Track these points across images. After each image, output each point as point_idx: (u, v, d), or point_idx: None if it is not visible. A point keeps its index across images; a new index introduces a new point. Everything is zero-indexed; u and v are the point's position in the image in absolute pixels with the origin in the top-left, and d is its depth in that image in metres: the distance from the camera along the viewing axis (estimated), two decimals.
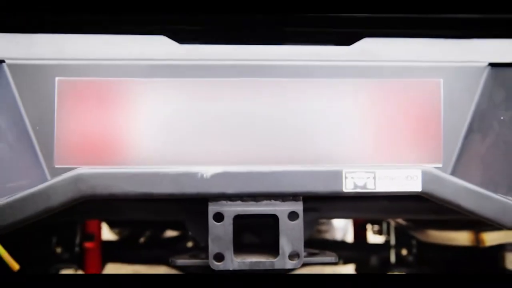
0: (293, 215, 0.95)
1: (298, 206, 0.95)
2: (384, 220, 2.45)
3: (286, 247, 0.94)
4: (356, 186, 0.93)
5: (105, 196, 0.91)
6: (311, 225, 1.43)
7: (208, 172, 0.92)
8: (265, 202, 0.95)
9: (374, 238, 2.60)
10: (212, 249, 0.93)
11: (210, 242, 0.93)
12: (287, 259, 0.95)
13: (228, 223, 0.94)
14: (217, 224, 0.93)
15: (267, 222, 1.02)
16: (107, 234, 2.78)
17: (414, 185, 0.94)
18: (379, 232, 2.52)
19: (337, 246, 2.51)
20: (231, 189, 0.92)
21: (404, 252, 2.33)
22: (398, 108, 0.97)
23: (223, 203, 0.94)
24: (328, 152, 0.96)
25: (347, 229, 3.50)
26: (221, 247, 0.93)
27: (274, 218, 0.96)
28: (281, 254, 0.94)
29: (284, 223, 0.95)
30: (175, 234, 2.55)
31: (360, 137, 0.96)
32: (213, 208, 0.93)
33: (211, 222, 0.93)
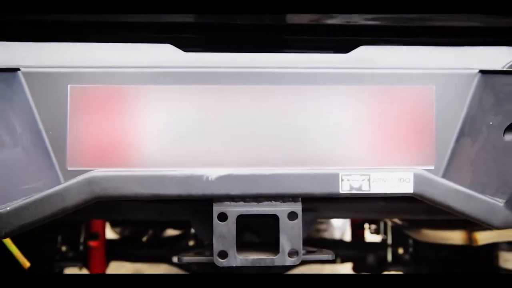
0: (292, 215, 0.97)
1: (297, 207, 0.97)
2: (380, 220, 2.44)
3: (285, 245, 0.97)
4: (352, 188, 0.96)
5: (117, 197, 0.93)
6: (309, 225, 1.46)
7: (213, 174, 0.94)
8: (266, 203, 0.97)
9: (371, 237, 2.59)
10: (217, 246, 0.95)
11: (214, 240, 0.95)
12: (286, 256, 0.97)
13: (231, 222, 0.96)
14: (221, 224, 0.96)
15: (268, 221, 1.05)
16: (111, 233, 2.78)
17: (406, 187, 0.96)
18: (376, 231, 2.52)
19: (335, 245, 2.51)
20: (234, 190, 0.95)
21: (400, 251, 2.34)
22: (393, 114, 0.98)
23: (227, 203, 0.96)
24: (326, 155, 0.97)
25: (345, 229, 3.50)
26: (225, 245, 0.95)
27: (275, 218, 0.98)
28: (281, 251, 0.97)
29: (284, 222, 0.97)
30: (178, 233, 2.55)
31: (356, 141, 0.97)
32: (217, 209, 0.96)
33: (216, 221, 0.96)
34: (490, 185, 0.98)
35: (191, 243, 2.35)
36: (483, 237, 1.74)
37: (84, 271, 2.27)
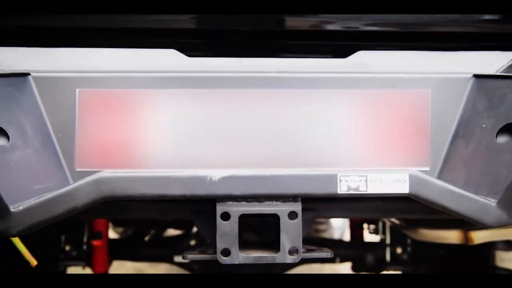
0: (292, 215, 0.99)
1: (297, 207, 0.99)
2: (377, 220, 2.45)
3: (286, 244, 0.98)
4: (349, 188, 0.97)
5: (124, 197, 0.95)
6: (309, 224, 1.47)
7: (217, 175, 0.96)
8: (267, 203, 0.99)
9: (370, 237, 2.60)
10: (220, 245, 0.97)
11: (218, 239, 0.97)
12: (287, 254, 0.98)
13: (234, 221, 0.98)
14: (224, 223, 0.97)
15: (269, 221, 1.06)
16: (114, 232, 2.80)
17: (402, 187, 0.97)
18: (375, 231, 2.52)
19: (334, 245, 2.52)
20: (237, 191, 0.96)
21: (399, 250, 2.35)
22: (389, 117, 0.99)
23: (230, 203, 0.98)
24: (325, 157, 0.99)
25: (344, 229, 3.51)
26: (228, 243, 0.97)
27: (275, 217, 1.00)
28: (282, 249, 0.98)
29: (284, 222, 0.99)
30: (179, 233, 2.56)
31: (354, 143, 0.99)
32: (220, 208, 0.98)
33: (219, 220, 0.97)
34: (483, 186, 0.99)
35: (192, 242, 2.35)
36: (478, 237, 1.75)
37: (88, 270, 2.29)
